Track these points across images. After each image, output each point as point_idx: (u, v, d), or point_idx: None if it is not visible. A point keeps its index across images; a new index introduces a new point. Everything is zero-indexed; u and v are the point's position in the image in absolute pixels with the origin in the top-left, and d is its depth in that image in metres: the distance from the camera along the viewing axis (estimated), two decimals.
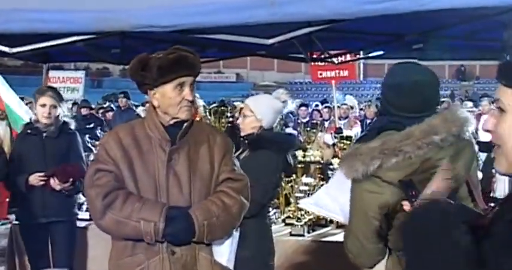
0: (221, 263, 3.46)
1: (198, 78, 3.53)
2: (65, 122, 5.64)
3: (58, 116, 5.53)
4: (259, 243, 4.50)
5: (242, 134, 4.69)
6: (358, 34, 6.61)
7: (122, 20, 4.58)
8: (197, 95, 3.68)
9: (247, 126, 4.69)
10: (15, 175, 5.44)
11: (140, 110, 13.46)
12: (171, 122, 3.41)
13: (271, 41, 4.92)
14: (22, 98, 17.96)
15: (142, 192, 3.36)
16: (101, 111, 15.93)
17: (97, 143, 6.86)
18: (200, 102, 7.52)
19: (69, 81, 13.81)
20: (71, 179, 5.40)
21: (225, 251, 3.49)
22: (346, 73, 12.14)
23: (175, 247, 3.34)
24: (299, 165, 6.61)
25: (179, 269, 3.33)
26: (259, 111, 4.68)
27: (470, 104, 14.59)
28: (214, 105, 11.69)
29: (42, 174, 5.33)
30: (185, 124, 3.41)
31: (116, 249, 3.48)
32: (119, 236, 3.41)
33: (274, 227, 5.39)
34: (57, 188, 5.38)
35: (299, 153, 6.80)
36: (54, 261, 5.56)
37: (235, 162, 3.56)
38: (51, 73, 9.80)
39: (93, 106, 15.86)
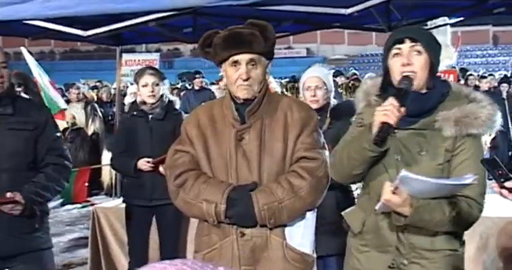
0: (294, 247, 3.32)
1: None
2: (170, 101, 5.57)
3: (162, 95, 5.46)
4: None
5: (315, 106, 4.54)
6: (438, 0, 6.38)
7: None
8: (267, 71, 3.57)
9: (322, 98, 4.61)
10: (123, 157, 5.43)
11: (215, 89, 13.43)
12: (241, 101, 3.31)
13: (349, 10, 4.74)
14: (100, 81, 18.38)
15: (215, 172, 3.31)
16: (175, 91, 16.02)
17: None
18: (271, 79, 7.43)
19: (145, 64, 13.83)
20: None
21: (297, 234, 3.33)
22: None
23: (246, 229, 3.25)
24: None
25: (247, 251, 3.25)
26: (329, 83, 4.69)
27: None
28: (285, 80, 11.64)
29: (150, 160, 5.29)
30: (254, 101, 3.30)
31: (198, 228, 3.49)
32: (190, 216, 3.48)
33: None
34: None
35: None
36: (161, 244, 5.54)
37: (316, 138, 3.37)
38: (125, 56, 9.83)
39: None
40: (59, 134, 4.09)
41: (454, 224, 2.91)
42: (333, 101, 4.69)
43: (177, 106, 5.77)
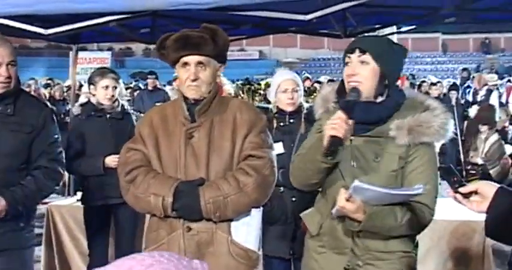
0: (239, 243, 3.41)
1: None
2: (122, 103, 5.61)
3: (117, 97, 5.49)
4: None
5: (291, 109, 4.64)
6: (392, 8, 6.51)
7: None
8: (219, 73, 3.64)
9: (297, 100, 4.70)
10: (87, 158, 5.39)
11: (168, 89, 13.41)
12: (192, 101, 3.43)
13: (309, 16, 4.82)
14: (51, 79, 18.15)
15: (165, 169, 3.41)
16: (128, 90, 15.94)
17: None
18: (225, 81, 7.47)
19: (96, 62, 13.75)
20: None
21: (242, 231, 3.42)
22: None
23: (193, 223, 3.34)
24: None
25: (193, 246, 3.33)
26: (301, 86, 4.80)
27: (495, 76, 14.33)
28: (240, 82, 11.73)
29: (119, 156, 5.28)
30: (203, 101, 3.41)
31: (148, 224, 3.59)
32: (139, 211, 3.56)
33: None
34: None
35: None
36: (117, 242, 5.57)
37: (264, 138, 3.47)
38: (79, 54, 9.75)
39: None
40: (56, 137, 4.02)
41: (407, 228, 3.02)
42: (306, 104, 4.76)
43: (127, 107, 5.79)
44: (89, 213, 5.50)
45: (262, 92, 6.59)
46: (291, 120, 4.69)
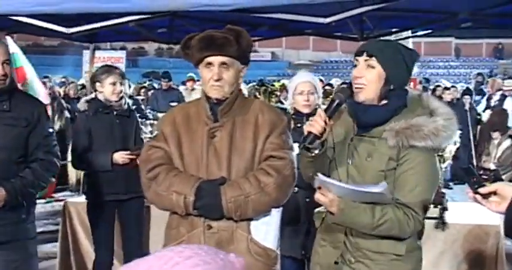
0: (258, 241, 3.44)
1: None
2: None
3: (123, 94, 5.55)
4: None
5: (307, 111, 4.71)
6: (409, 13, 6.55)
7: None
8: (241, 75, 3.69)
9: (313, 103, 4.76)
10: (94, 154, 5.44)
11: (183, 89, 13.48)
12: (214, 100, 3.46)
13: (328, 19, 4.87)
14: (65, 77, 18.23)
15: (187, 168, 3.44)
16: (142, 90, 16.02)
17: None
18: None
19: (111, 61, 13.81)
20: None
21: (261, 230, 3.46)
22: None
23: (213, 222, 3.36)
24: None
25: (213, 244, 3.33)
26: (319, 89, 4.86)
27: (511, 82, 14.25)
28: (254, 84, 11.81)
29: (128, 152, 5.35)
30: (226, 101, 3.45)
31: (168, 221, 3.60)
32: (161, 209, 3.55)
33: None
34: None
35: None
36: (123, 238, 5.62)
37: (284, 140, 3.51)
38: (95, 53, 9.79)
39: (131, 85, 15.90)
40: (51, 130, 4.21)
41: (386, 229, 3.04)
42: (322, 107, 4.81)
43: (131, 104, 5.86)
44: (93, 209, 5.54)
45: (278, 93, 6.62)
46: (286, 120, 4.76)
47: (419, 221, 3.08)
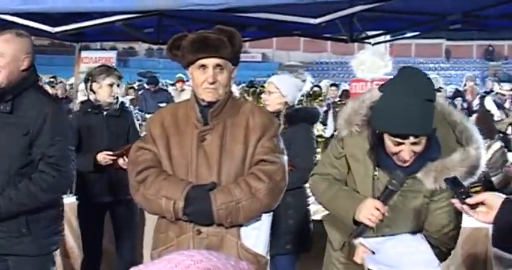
0: (248, 247, 3.39)
1: None
2: (122, 101, 5.62)
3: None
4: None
5: (269, 109, 4.78)
6: (399, 14, 6.52)
7: None
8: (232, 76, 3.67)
9: (273, 102, 4.89)
10: (78, 154, 5.36)
11: (172, 90, 13.44)
12: (205, 103, 3.40)
13: (317, 20, 4.83)
14: (54, 77, 18.14)
15: (176, 171, 3.38)
16: (131, 90, 15.96)
17: None
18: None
19: (101, 61, 13.72)
20: None
21: (251, 236, 3.41)
22: None
23: (203, 227, 3.32)
24: (318, 139, 6.73)
25: (202, 249, 3.29)
26: (284, 88, 4.90)
27: (507, 86, 14.01)
28: (243, 85, 11.78)
29: (110, 153, 5.28)
30: (217, 104, 3.38)
31: (156, 225, 3.55)
32: (149, 212, 3.52)
33: None
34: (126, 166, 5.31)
35: (319, 127, 7.23)
36: (117, 240, 5.56)
37: (276, 143, 3.45)
38: (83, 53, 9.74)
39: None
40: (58, 139, 3.75)
41: None
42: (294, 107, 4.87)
43: (127, 105, 5.86)
44: (82, 210, 5.51)
45: None
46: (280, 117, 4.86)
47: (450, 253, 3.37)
